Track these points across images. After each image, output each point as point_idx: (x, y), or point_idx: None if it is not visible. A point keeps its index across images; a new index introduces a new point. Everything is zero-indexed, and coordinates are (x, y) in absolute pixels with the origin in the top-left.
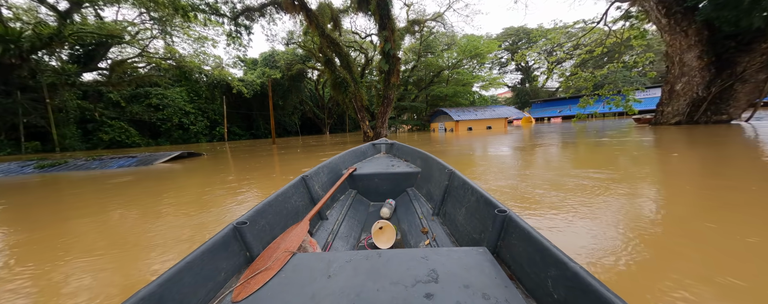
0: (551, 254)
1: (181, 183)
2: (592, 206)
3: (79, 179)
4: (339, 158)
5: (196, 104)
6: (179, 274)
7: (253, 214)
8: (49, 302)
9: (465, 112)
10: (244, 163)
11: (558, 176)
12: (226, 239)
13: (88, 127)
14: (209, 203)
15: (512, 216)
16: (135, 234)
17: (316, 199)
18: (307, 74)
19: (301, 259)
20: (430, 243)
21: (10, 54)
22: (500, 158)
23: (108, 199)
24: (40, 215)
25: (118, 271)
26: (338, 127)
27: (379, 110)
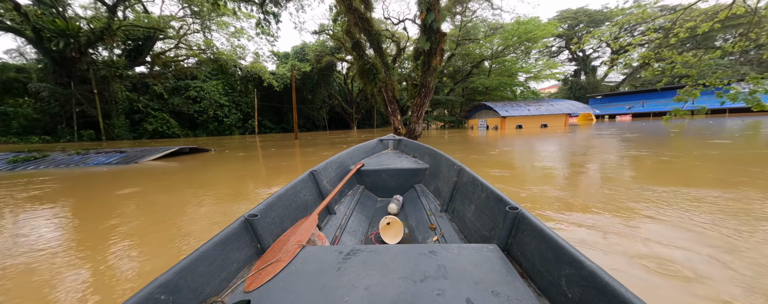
0: (566, 252)
1: (134, 201)
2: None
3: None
4: (347, 153)
5: (230, 97)
6: (194, 263)
7: (264, 207)
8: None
9: (514, 107)
10: (254, 165)
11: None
12: (237, 230)
13: (135, 117)
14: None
15: (524, 213)
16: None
17: (324, 193)
18: (337, 67)
19: (311, 251)
20: (438, 239)
21: (71, 48)
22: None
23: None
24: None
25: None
26: (366, 123)
27: (415, 102)
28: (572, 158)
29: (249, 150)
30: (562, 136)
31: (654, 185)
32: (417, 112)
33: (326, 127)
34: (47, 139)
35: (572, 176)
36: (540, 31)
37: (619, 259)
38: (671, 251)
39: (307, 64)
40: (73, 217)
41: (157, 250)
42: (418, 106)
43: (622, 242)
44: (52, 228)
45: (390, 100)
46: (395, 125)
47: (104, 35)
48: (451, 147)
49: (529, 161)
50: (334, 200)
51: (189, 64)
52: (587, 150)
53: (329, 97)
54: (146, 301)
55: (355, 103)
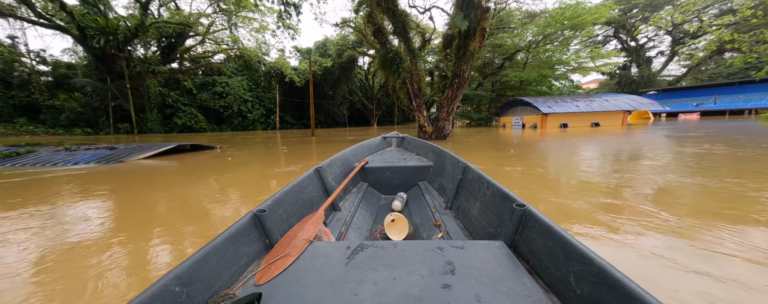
0: (575, 249)
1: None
2: None
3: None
4: (351, 151)
5: (254, 93)
6: (206, 257)
7: (272, 203)
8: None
9: (558, 102)
10: (253, 169)
11: None
12: (247, 226)
13: (166, 112)
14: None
15: (531, 210)
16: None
17: (329, 190)
18: (358, 62)
19: (319, 247)
20: (443, 236)
21: (110, 45)
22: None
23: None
24: None
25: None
26: (386, 120)
27: (445, 96)
28: (686, 178)
29: (258, 148)
30: (628, 137)
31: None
32: (447, 107)
33: (346, 124)
34: (89, 131)
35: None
36: (590, 15)
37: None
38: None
39: (329, 60)
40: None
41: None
42: (449, 101)
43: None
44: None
45: (415, 93)
46: (420, 122)
47: (138, 32)
48: (487, 153)
49: (616, 179)
50: (339, 196)
51: (218, 60)
52: (699, 162)
53: (350, 93)
54: (162, 292)
55: (375, 100)
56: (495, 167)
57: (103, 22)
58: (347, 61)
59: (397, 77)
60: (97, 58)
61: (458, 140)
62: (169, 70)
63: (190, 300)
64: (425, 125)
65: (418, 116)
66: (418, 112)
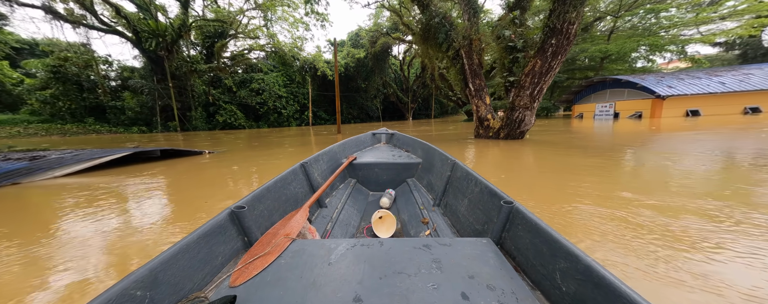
0: (561, 246)
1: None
2: None
3: None
4: (339, 146)
5: (288, 89)
6: (175, 257)
7: (251, 199)
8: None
9: (681, 79)
10: (232, 189)
11: None
12: (223, 223)
13: (210, 110)
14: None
15: (519, 207)
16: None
17: (315, 186)
18: (392, 51)
19: (301, 245)
20: (430, 233)
21: (160, 46)
22: None
23: None
24: None
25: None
26: (422, 113)
27: (531, 68)
28: None
29: (263, 152)
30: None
31: None
32: (532, 87)
33: (380, 118)
34: (144, 129)
35: None
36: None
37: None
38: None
39: (362, 50)
40: None
41: None
42: (538, 77)
43: None
44: None
45: (474, 70)
46: (480, 114)
47: (182, 32)
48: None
49: None
50: (326, 193)
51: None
52: None
53: (384, 85)
54: (120, 297)
55: (410, 92)
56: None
57: (153, 25)
58: (381, 51)
59: (445, 52)
60: (150, 60)
61: (551, 143)
62: (209, 68)
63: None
64: (488, 117)
65: (476, 106)
66: (478, 99)
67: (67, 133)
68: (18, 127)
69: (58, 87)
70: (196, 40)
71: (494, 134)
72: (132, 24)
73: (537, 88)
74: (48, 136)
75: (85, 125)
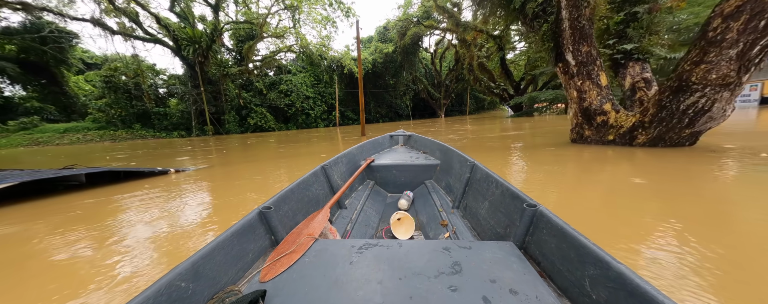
0: (590, 251)
1: None
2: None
3: None
4: (357, 148)
5: (316, 89)
6: (212, 253)
7: (277, 200)
8: None
9: None
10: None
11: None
12: (252, 222)
13: (242, 113)
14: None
15: (543, 210)
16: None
17: (335, 188)
18: (423, 43)
19: (324, 245)
20: (449, 236)
21: (197, 53)
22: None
23: None
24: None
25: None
26: (455, 109)
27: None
28: None
29: (254, 167)
30: None
31: None
32: (747, 36)
33: (410, 116)
34: (184, 134)
35: None
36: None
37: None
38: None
39: (390, 45)
40: None
41: None
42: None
43: None
44: None
45: (580, 30)
46: (588, 102)
47: (214, 36)
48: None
49: None
50: (345, 194)
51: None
52: None
53: (414, 81)
54: (168, 288)
55: (443, 87)
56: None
57: (191, 32)
58: (411, 43)
59: (522, 6)
60: (189, 67)
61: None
62: (239, 71)
63: (195, 296)
64: (605, 110)
65: (578, 90)
66: (584, 79)
67: (117, 138)
68: (79, 134)
69: (111, 96)
70: (229, 44)
71: (620, 137)
72: (172, 32)
73: (757, 42)
74: (102, 142)
75: (133, 131)
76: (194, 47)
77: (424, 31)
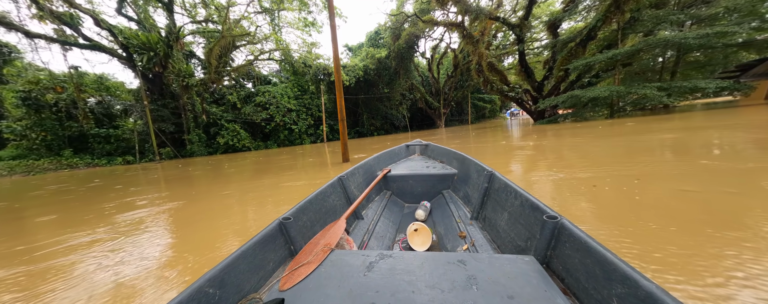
0: (617, 268)
1: None
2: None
3: None
4: (373, 159)
5: (300, 101)
6: (236, 261)
7: (296, 211)
8: None
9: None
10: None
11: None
12: (273, 232)
13: (211, 131)
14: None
15: (565, 223)
16: None
17: (352, 199)
18: (418, 47)
19: (340, 255)
20: (468, 248)
21: (154, 62)
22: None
23: None
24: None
25: None
26: (455, 119)
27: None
28: None
29: (214, 192)
30: None
31: None
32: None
33: (408, 128)
34: (131, 160)
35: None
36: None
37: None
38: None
39: (383, 49)
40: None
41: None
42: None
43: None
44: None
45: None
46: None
47: (170, 41)
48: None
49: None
50: (362, 205)
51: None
52: None
53: (410, 90)
54: (198, 294)
55: (442, 95)
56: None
57: (144, 37)
58: (406, 47)
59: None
60: (146, 79)
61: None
62: (201, 81)
63: (221, 302)
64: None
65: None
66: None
67: (33, 170)
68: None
69: (32, 116)
70: (187, 49)
71: None
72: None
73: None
74: (9, 176)
75: (60, 159)
76: (149, 55)
77: (421, 30)
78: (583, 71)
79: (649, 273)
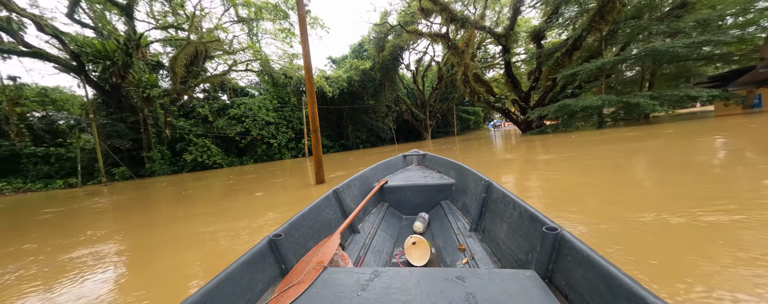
0: (621, 283)
1: None
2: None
3: None
4: (370, 170)
5: (280, 113)
6: (220, 285)
7: (288, 227)
8: None
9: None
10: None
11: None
12: (262, 251)
13: (177, 147)
14: None
15: (565, 235)
16: None
17: (347, 212)
18: (403, 59)
19: (332, 273)
20: (467, 262)
21: (111, 72)
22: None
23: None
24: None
25: None
26: (441, 130)
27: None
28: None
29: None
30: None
31: None
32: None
33: (394, 140)
34: (74, 182)
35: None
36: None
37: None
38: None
39: (368, 61)
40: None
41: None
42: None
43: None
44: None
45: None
46: None
47: (130, 49)
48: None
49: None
50: (358, 218)
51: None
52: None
53: (396, 102)
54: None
55: (427, 106)
56: None
57: (99, 45)
58: (391, 59)
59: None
60: (102, 91)
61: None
62: (163, 92)
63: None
64: None
65: None
66: None
67: None
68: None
69: None
70: (154, 60)
71: None
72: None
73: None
74: None
75: None
76: (105, 64)
77: (405, 42)
78: (567, 81)
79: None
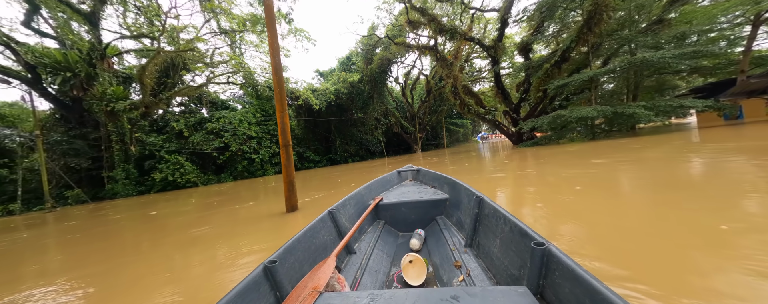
0: (606, 298)
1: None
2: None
3: None
4: (364, 188)
5: (264, 127)
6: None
7: (283, 252)
8: None
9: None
10: None
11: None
12: (257, 279)
13: (145, 165)
14: None
15: (552, 250)
16: None
17: (343, 232)
18: (392, 72)
19: (328, 299)
20: (464, 279)
21: (72, 84)
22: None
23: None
24: None
25: None
26: (431, 143)
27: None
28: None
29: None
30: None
31: None
32: None
33: (384, 153)
34: (13, 209)
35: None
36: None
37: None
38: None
39: (356, 73)
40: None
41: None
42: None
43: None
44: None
45: None
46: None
47: (94, 60)
48: None
49: None
50: (354, 238)
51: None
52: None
53: (385, 114)
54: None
55: (417, 119)
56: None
57: (59, 55)
58: (379, 72)
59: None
60: (59, 105)
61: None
62: (129, 105)
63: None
64: None
65: None
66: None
67: None
68: None
69: None
70: (128, 71)
71: None
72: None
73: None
74: None
75: None
76: (65, 76)
77: (393, 54)
78: (556, 93)
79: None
